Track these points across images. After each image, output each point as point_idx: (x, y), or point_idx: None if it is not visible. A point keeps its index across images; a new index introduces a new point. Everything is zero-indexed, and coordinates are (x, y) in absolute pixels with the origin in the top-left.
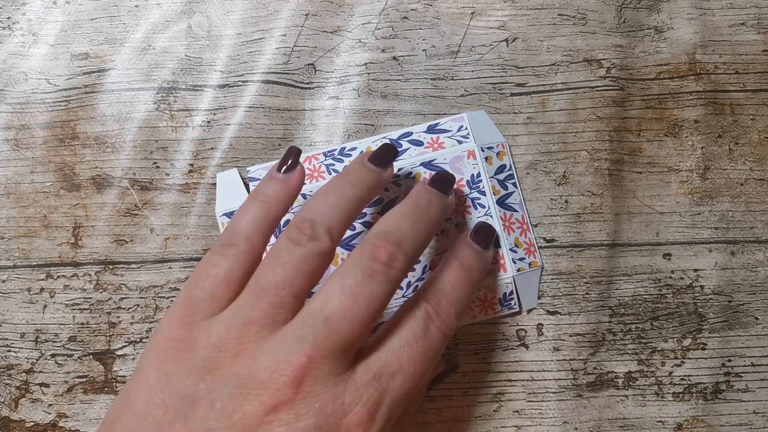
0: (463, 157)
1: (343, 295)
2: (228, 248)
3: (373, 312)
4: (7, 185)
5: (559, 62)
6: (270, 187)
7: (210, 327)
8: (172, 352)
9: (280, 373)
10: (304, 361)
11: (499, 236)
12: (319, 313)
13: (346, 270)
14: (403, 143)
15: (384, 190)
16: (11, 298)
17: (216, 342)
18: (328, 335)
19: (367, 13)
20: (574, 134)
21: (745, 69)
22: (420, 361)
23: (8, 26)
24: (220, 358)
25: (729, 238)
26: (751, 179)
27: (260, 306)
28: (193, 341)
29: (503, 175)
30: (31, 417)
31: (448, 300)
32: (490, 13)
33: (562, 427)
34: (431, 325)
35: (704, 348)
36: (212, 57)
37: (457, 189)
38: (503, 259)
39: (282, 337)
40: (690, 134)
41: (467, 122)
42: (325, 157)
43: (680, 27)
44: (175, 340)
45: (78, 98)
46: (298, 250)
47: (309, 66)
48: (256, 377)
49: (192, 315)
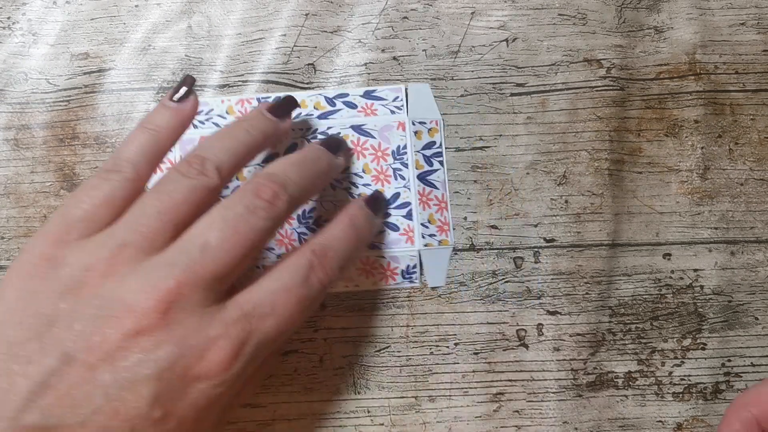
0: (393, 127)
1: (225, 224)
2: (112, 173)
3: (251, 245)
4: (7, 185)
5: (559, 62)
6: (160, 115)
7: (83, 246)
8: (38, 270)
9: (146, 296)
10: (173, 286)
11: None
12: (197, 240)
13: (229, 203)
14: (337, 103)
15: (307, 142)
16: None
17: (87, 261)
18: (203, 263)
19: (367, 13)
20: (574, 134)
21: (745, 69)
22: (295, 308)
23: (8, 26)
24: (86, 277)
25: (729, 238)
26: (751, 179)
27: (139, 229)
28: (62, 259)
29: (431, 152)
30: None
31: (335, 253)
32: (490, 13)
33: (562, 427)
34: (312, 275)
35: (704, 348)
36: (212, 57)
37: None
38: (413, 232)
39: (155, 261)
40: (690, 134)
41: (404, 93)
42: (258, 103)
43: (680, 27)
44: (43, 258)
45: (78, 98)
46: (186, 181)
47: (309, 66)
48: (121, 300)
49: (66, 234)
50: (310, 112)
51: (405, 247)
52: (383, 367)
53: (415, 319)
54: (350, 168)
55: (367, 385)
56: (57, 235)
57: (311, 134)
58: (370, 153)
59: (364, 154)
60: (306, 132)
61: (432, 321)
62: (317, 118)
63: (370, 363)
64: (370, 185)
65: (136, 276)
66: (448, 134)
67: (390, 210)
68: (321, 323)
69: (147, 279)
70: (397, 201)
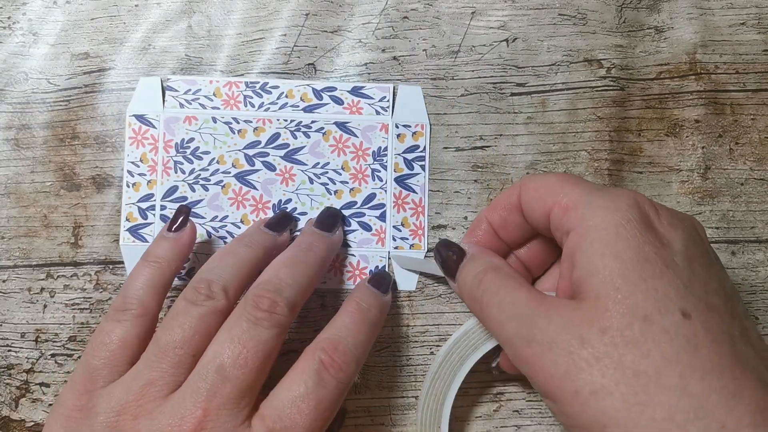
0: (376, 128)
1: (232, 343)
2: (121, 313)
3: (262, 356)
4: (8, 185)
5: (559, 62)
6: (161, 247)
7: (110, 392)
8: (73, 422)
9: (179, 429)
10: (200, 414)
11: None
12: (212, 364)
13: (232, 322)
14: (324, 96)
15: (293, 138)
16: (11, 297)
17: (116, 406)
18: (222, 384)
19: (367, 13)
20: (574, 134)
21: (745, 69)
22: (314, 414)
23: (8, 26)
24: (120, 422)
25: (729, 237)
26: (751, 179)
27: (159, 366)
28: (92, 408)
29: (412, 156)
30: (31, 417)
31: (345, 346)
32: (490, 13)
33: (562, 427)
34: (325, 374)
35: None
36: (212, 57)
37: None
38: (384, 234)
39: (179, 393)
40: (690, 134)
41: (391, 93)
42: (246, 87)
43: (680, 27)
44: (75, 409)
45: (78, 98)
46: (195, 309)
47: (309, 66)
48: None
49: (91, 383)
50: (296, 103)
51: (375, 248)
52: (383, 367)
53: (415, 319)
54: (329, 164)
55: (367, 385)
56: (83, 386)
57: (294, 126)
58: (351, 151)
59: (345, 151)
60: (290, 124)
61: (432, 321)
62: (303, 111)
63: (370, 363)
64: (347, 183)
65: (165, 412)
66: (448, 134)
67: (364, 210)
68: (321, 323)
69: (176, 412)
70: (373, 201)
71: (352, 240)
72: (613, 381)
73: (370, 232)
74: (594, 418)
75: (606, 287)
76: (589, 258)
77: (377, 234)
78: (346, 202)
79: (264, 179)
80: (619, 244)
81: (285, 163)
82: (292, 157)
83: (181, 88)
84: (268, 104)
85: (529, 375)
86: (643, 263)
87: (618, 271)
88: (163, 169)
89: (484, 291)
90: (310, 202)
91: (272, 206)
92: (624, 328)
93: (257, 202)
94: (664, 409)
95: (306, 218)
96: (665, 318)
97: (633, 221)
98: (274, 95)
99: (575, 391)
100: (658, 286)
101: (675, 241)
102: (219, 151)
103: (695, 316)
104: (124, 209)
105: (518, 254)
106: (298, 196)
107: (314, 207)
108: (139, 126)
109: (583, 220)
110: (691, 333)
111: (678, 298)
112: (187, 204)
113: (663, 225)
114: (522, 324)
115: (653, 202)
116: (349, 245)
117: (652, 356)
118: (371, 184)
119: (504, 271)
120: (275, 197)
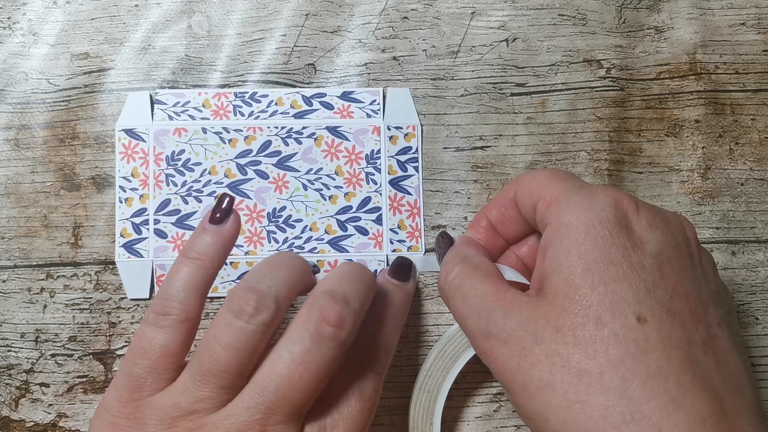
0: (368, 131)
1: (293, 363)
2: (162, 318)
3: (322, 378)
4: (8, 185)
5: (559, 62)
6: (202, 241)
7: (158, 405)
8: (121, 430)
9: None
10: (258, 430)
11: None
12: (270, 382)
13: (296, 335)
14: (314, 102)
15: (284, 144)
16: (11, 298)
17: (167, 419)
18: (281, 404)
19: (367, 13)
20: (573, 134)
21: (745, 69)
22: (361, 415)
23: (8, 26)
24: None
25: (730, 237)
26: (751, 179)
27: (207, 386)
28: (140, 419)
29: (406, 157)
30: (31, 417)
31: (376, 347)
32: (490, 13)
33: None
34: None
35: None
36: (212, 57)
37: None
38: (381, 237)
39: (233, 409)
40: (691, 134)
41: (381, 97)
42: (235, 97)
43: (680, 27)
44: (122, 417)
45: (78, 98)
46: (243, 326)
47: (309, 66)
48: None
49: (137, 392)
50: (287, 110)
51: (373, 252)
52: None
53: (415, 319)
54: (323, 169)
55: None
56: (129, 394)
57: (285, 133)
58: (344, 155)
59: (338, 156)
60: (281, 131)
61: (432, 321)
62: (293, 117)
63: None
64: (342, 187)
65: (217, 428)
66: (448, 134)
67: (360, 214)
68: None
69: (230, 428)
70: (368, 205)
71: (350, 245)
72: (559, 378)
73: (367, 236)
74: (538, 411)
75: (566, 286)
76: (556, 254)
77: (374, 238)
78: (341, 207)
79: (257, 188)
80: (586, 244)
81: (278, 170)
82: (284, 164)
83: (169, 101)
84: (258, 112)
85: (488, 366)
86: (607, 265)
87: (580, 271)
88: (155, 182)
89: (450, 283)
90: (305, 208)
91: (267, 215)
92: (576, 328)
93: (251, 211)
94: (601, 410)
95: (301, 225)
96: (617, 321)
97: (606, 221)
98: (264, 103)
99: (524, 384)
100: (617, 289)
101: (649, 243)
102: (210, 162)
103: (651, 321)
104: (118, 225)
105: (516, 250)
106: (292, 204)
107: (309, 213)
108: (129, 140)
109: (559, 215)
110: (642, 338)
111: (635, 302)
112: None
113: (641, 225)
114: (481, 318)
115: (637, 202)
116: (347, 250)
117: (597, 357)
118: (366, 188)
119: (472, 263)
120: (269, 205)
